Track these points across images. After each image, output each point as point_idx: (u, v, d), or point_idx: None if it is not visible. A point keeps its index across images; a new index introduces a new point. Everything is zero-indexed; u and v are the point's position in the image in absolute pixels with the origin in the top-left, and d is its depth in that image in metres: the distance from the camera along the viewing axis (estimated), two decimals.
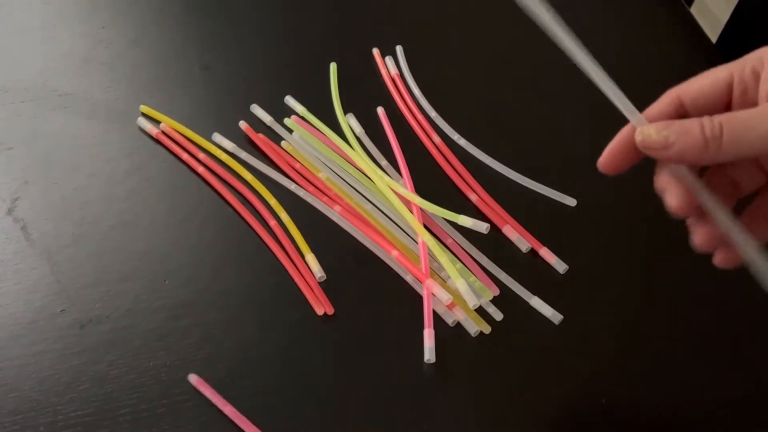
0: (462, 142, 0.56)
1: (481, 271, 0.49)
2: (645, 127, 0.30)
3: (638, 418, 0.43)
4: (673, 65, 0.62)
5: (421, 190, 0.52)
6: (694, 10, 0.69)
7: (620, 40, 0.64)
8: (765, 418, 0.43)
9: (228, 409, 0.42)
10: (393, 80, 0.60)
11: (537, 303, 0.47)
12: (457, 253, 0.49)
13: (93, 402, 0.43)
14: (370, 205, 0.52)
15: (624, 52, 0.63)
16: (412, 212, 0.50)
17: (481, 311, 0.47)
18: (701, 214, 0.31)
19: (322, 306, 0.47)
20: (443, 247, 0.49)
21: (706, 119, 0.29)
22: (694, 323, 0.47)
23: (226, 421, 0.42)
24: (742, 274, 0.47)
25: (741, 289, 0.49)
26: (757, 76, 0.29)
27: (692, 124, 0.29)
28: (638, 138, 0.30)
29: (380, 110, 0.58)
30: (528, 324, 0.47)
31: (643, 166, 0.33)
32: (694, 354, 0.46)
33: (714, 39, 0.66)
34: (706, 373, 0.45)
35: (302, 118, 0.57)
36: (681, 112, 0.32)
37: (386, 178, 0.52)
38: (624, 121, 0.32)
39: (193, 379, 0.43)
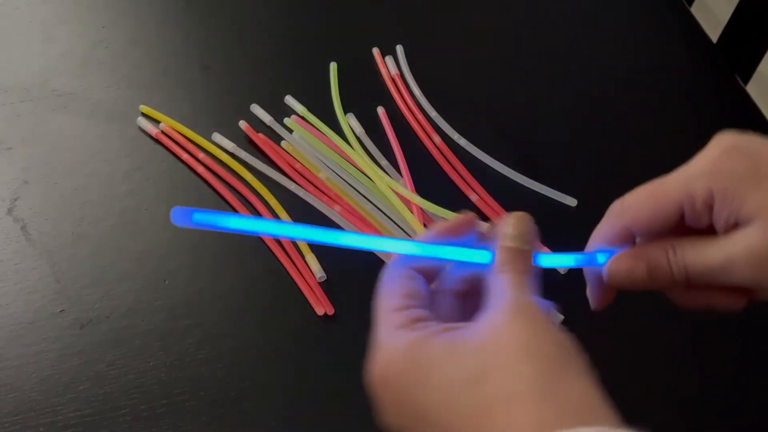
0: (462, 142, 0.56)
1: None
2: (614, 264, 0.33)
3: (638, 419, 0.43)
4: (673, 65, 0.62)
5: (421, 190, 0.52)
6: (694, 10, 0.69)
7: (620, 41, 0.64)
8: (766, 417, 0.43)
9: None
10: (393, 80, 0.60)
11: None
12: None
13: (93, 402, 0.43)
14: (370, 205, 0.52)
15: (624, 52, 0.63)
16: (412, 212, 0.50)
17: None
18: None
19: (322, 306, 0.47)
20: None
21: (671, 257, 0.31)
22: (695, 323, 0.47)
23: (226, 422, 0.42)
24: None
25: None
26: (709, 207, 0.29)
27: (661, 262, 0.31)
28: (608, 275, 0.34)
29: (380, 110, 0.58)
30: None
31: (642, 166, 0.33)
32: (694, 353, 0.46)
33: (714, 39, 0.66)
34: (708, 373, 0.45)
35: (302, 118, 0.57)
36: (628, 237, 0.33)
37: (386, 178, 0.52)
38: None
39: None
